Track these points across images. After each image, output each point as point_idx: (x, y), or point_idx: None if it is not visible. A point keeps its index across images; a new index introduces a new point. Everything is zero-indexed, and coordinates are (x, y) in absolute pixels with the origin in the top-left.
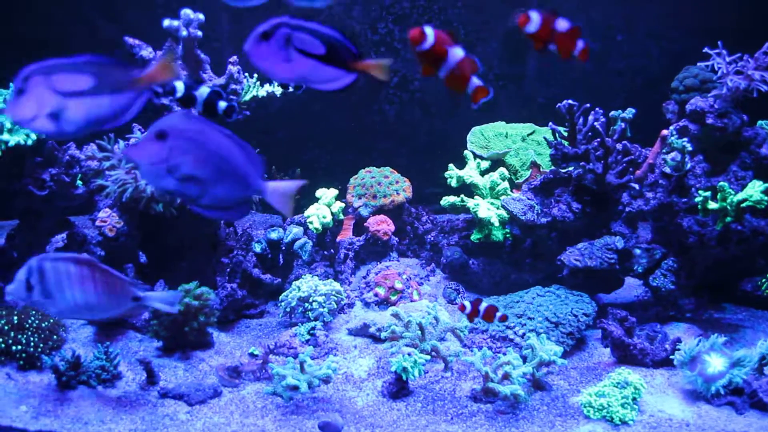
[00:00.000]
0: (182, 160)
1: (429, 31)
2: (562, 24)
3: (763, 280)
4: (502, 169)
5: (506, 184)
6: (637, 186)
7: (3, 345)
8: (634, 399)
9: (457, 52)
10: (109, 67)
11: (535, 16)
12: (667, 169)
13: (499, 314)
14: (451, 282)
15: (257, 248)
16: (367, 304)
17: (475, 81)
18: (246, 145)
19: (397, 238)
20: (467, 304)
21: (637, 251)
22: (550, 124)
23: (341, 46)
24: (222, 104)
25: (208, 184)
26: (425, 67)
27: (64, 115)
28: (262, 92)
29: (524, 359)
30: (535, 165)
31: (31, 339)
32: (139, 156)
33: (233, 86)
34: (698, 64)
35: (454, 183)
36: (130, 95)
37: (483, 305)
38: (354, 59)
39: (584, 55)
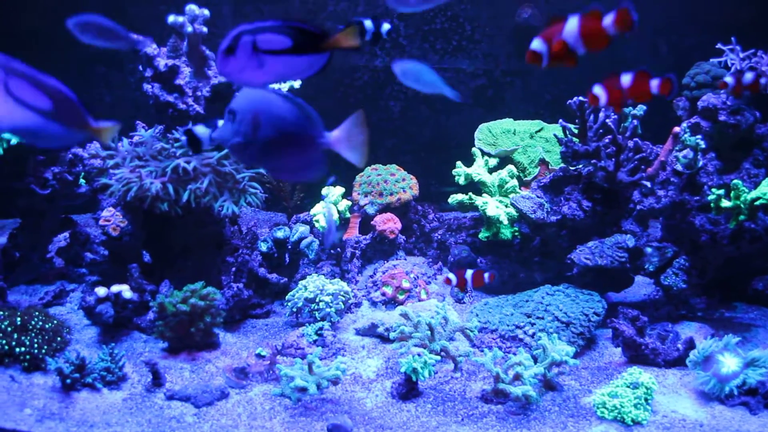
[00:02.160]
0: (252, 129)
1: (537, 44)
2: (625, 80)
3: None
4: (510, 167)
5: (515, 181)
6: (648, 184)
7: (6, 347)
8: (646, 399)
9: (572, 24)
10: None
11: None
12: (679, 167)
13: (487, 275)
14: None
15: (263, 247)
16: (374, 304)
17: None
18: (304, 104)
19: (404, 237)
20: (452, 276)
21: (649, 250)
22: (561, 121)
23: (306, 32)
24: (386, 26)
25: (280, 146)
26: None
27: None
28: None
29: (535, 359)
30: (543, 162)
31: (35, 340)
32: (221, 136)
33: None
34: (710, 60)
35: (461, 180)
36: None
37: (469, 273)
38: (321, 40)
39: (666, 88)
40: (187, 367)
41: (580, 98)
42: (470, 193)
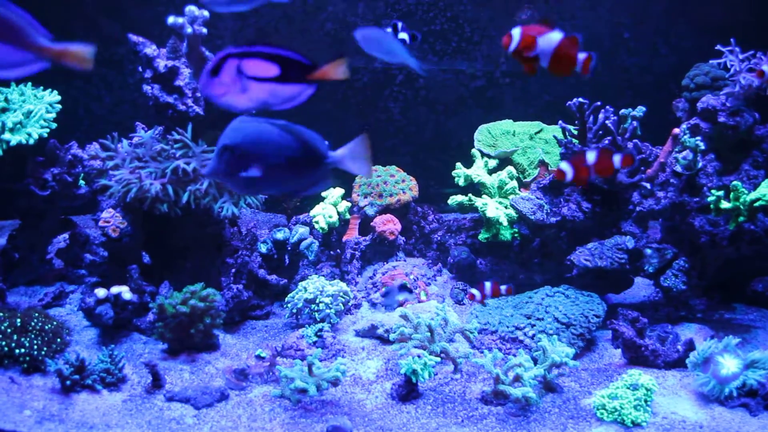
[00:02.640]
0: (254, 162)
1: (516, 32)
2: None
3: None
4: (510, 168)
5: (515, 183)
6: (648, 185)
7: (6, 348)
8: (646, 401)
9: (553, 37)
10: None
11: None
12: (679, 168)
13: (504, 287)
14: (459, 282)
15: (263, 248)
16: (374, 305)
17: (580, 56)
18: (303, 128)
19: (403, 238)
20: (476, 292)
21: (648, 251)
22: (560, 122)
23: (293, 62)
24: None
25: (287, 170)
26: (526, 66)
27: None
28: None
29: (535, 361)
30: (543, 164)
31: (35, 342)
32: (214, 173)
33: None
34: (710, 61)
35: (461, 182)
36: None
37: (487, 286)
38: (309, 71)
39: (627, 162)
40: (187, 369)
41: (580, 99)
42: (470, 195)
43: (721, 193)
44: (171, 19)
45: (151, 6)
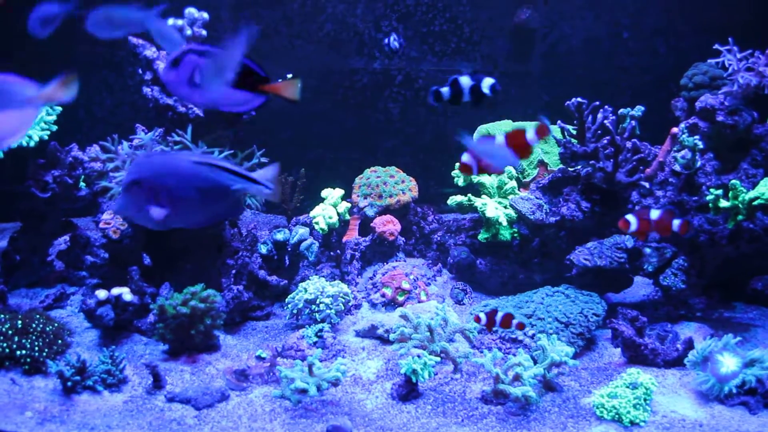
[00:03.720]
0: (162, 195)
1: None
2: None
3: None
4: (509, 168)
5: (514, 183)
6: (647, 184)
7: (7, 350)
8: (645, 400)
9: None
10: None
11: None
12: (677, 167)
13: (515, 321)
14: (459, 282)
15: (263, 249)
16: (374, 305)
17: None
18: (210, 159)
19: (403, 238)
20: (482, 316)
21: (647, 250)
22: (559, 122)
23: (248, 71)
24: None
25: (196, 202)
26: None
27: None
28: None
29: (535, 360)
30: (542, 164)
31: (36, 343)
32: (124, 210)
33: None
34: (708, 60)
35: (461, 182)
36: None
37: (500, 315)
38: (262, 82)
39: (684, 229)
40: (188, 370)
41: (579, 99)
42: (469, 195)
43: (719, 191)
44: (170, 21)
45: (150, 8)
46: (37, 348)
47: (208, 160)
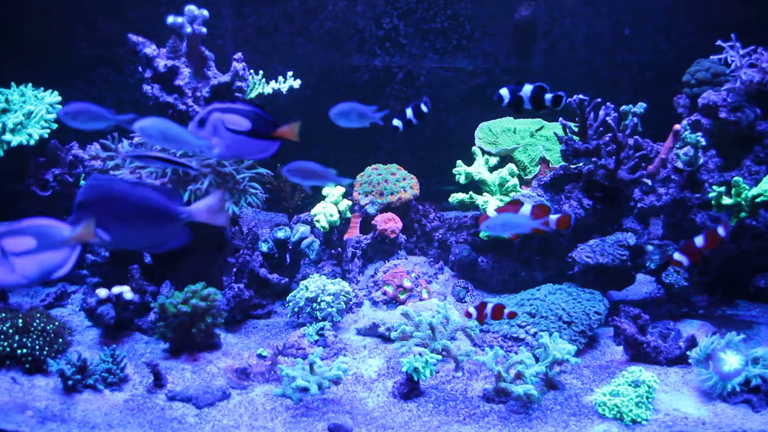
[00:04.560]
0: (108, 220)
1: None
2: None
3: None
4: (511, 165)
5: (516, 180)
6: (649, 181)
7: (8, 348)
8: (648, 398)
9: (525, 212)
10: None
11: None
12: (680, 164)
13: (507, 311)
14: (460, 280)
15: (264, 247)
16: (375, 303)
17: (552, 218)
18: (161, 187)
19: (404, 236)
20: (472, 310)
21: (650, 248)
22: (561, 119)
23: (262, 119)
24: (548, 96)
25: (140, 227)
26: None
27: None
28: (268, 89)
29: (537, 358)
30: (544, 161)
31: (37, 342)
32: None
33: (238, 83)
34: (711, 57)
35: (462, 180)
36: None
37: (489, 306)
38: (273, 128)
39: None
40: (189, 368)
41: (580, 96)
42: (471, 192)
43: (722, 189)
44: (170, 19)
45: (151, 6)
46: (37, 347)
47: (155, 188)
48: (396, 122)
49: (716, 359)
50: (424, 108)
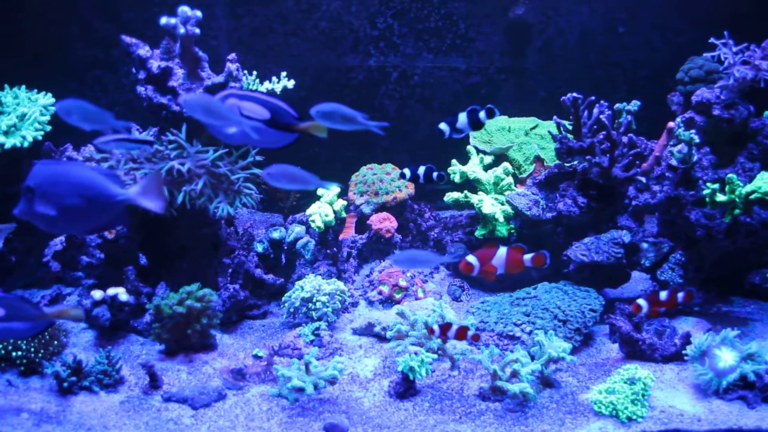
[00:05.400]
0: (52, 202)
1: (473, 260)
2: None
3: None
4: (505, 164)
5: (510, 179)
6: (643, 179)
7: (3, 351)
8: (643, 395)
9: (501, 254)
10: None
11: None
12: (674, 162)
13: (470, 333)
14: (456, 279)
15: (259, 248)
16: (371, 303)
17: (527, 257)
18: (98, 168)
19: (400, 236)
20: (436, 328)
21: (645, 245)
22: (555, 117)
23: (282, 111)
24: (435, 174)
25: (81, 209)
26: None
27: None
28: (262, 89)
29: (532, 357)
30: (538, 159)
31: (32, 344)
32: (21, 214)
33: (232, 84)
34: (704, 54)
35: (457, 178)
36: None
37: (453, 328)
38: (295, 122)
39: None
40: (184, 369)
41: (574, 95)
42: (466, 191)
43: (716, 186)
44: (164, 20)
45: (145, 7)
46: (32, 349)
47: (96, 171)
48: (443, 126)
49: (711, 356)
50: (482, 115)
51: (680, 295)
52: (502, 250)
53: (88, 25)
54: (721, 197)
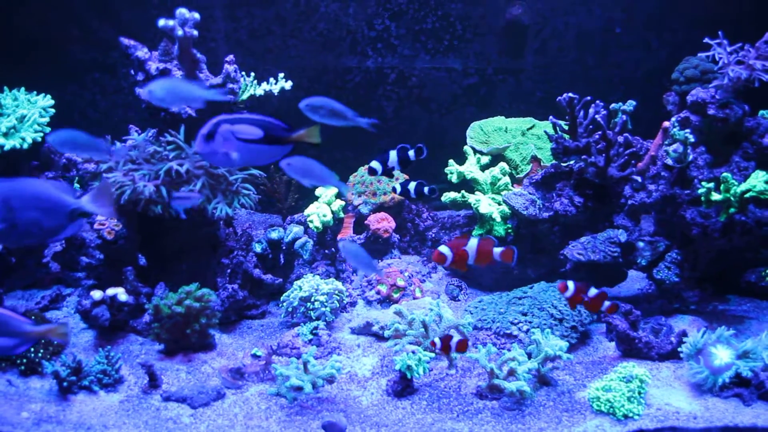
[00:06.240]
0: (8, 213)
1: (446, 250)
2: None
3: (767, 271)
4: (502, 164)
5: (507, 179)
6: (639, 178)
7: None
8: (640, 393)
9: (472, 244)
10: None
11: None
12: (669, 161)
13: (455, 343)
14: (454, 278)
15: (258, 248)
16: (369, 303)
17: (497, 251)
18: (49, 182)
19: (398, 236)
20: (437, 341)
21: (641, 244)
22: (551, 117)
23: (273, 125)
24: (426, 189)
25: (37, 221)
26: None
27: None
28: (260, 91)
29: (529, 355)
30: (535, 159)
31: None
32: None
33: (230, 85)
34: (699, 54)
35: (454, 179)
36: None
37: (455, 340)
38: (287, 134)
39: (612, 310)
40: (184, 369)
41: (570, 95)
42: (463, 191)
43: (711, 185)
44: (162, 22)
45: (144, 9)
46: (32, 349)
47: (46, 184)
48: (374, 164)
49: (707, 354)
50: (411, 154)
51: (606, 303)
52: (473, 241)
53: (88, 27)
54: (716, 196)
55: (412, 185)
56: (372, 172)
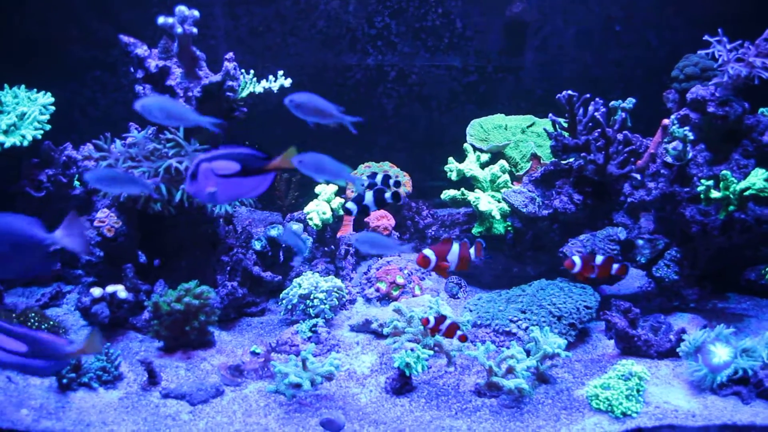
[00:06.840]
0: None
1: (429, 253)
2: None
3: (767, 269)
4: (502, 162)
5: (507, 176)
6: (638, 176)
7: None
8: (638, 390)
9: (454, 251)
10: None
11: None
12: (669, 159)
13: (459, 333)
14: (453, 276)
15: (257, 246)
16: (368, 300)
17: (472, 252)
18: (19, 217)
19: (397, 233)
20: (431, 318)
21: (640, 242)
22: (550, 115)
23: (250, 156)
24: (387, 194)
25: (7, 255)
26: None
27: None
28: (259, 88)
29: (528, 353)
30: (535, 157)
31: None
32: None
33: (230, 83)
34: (698, 52)
35: (454, 176)
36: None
37: (447, 322)
38: (266, 162)
39: (622, 271)
40: (183, 366)
41: (569, 92)
42: (463, 189)
43: (711, 182)
44: (161, 20)
45: (143, 7)
46: None
47: (17, 219)
48: (350, 205)
49: (706, 352)
50: (387, 196)
51: (615, 266)
52: (455, 247)
53: (87, 25)
54: (715, 194)
55: (369, 197)
56: (347, 212)
